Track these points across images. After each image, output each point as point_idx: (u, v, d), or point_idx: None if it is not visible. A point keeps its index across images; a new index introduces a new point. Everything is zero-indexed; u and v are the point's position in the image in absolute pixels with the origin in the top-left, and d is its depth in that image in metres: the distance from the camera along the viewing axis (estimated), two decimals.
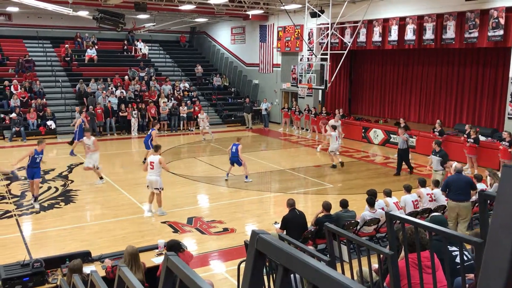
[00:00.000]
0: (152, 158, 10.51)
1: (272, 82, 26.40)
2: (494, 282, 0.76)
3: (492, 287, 0.76)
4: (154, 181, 10.43)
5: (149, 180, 10.49)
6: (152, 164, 10.38)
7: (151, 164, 10.39)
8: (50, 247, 8.92)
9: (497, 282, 0.75)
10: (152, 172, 10.39)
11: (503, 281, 0.74)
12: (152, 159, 10.49)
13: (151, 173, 10.41)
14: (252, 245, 1.17)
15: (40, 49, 26.72)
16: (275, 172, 15.56)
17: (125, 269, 2.49)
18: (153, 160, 10.44)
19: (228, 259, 8.56)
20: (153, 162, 10.39)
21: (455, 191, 9.12)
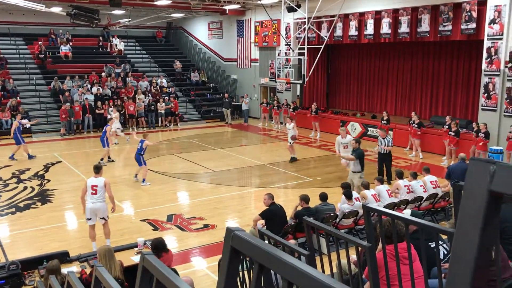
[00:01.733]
0: (93, 181, 8.50)
1: (250, 77, 26.37)
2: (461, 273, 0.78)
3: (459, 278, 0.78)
4: (98, 209, 8.47)
5: (92, 208, 8.44)
6: (94, 188, 8.44)
7: (93, 188, 8.43)
8: (27, 248, 8.77)
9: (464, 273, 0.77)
10: (94, 198, 8.43)
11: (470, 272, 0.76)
12: (94, 181, 8.49)
13: (93, 200, 8.43)
14: (227, 242, 1.17)
15: (13, 46, 26.11)
16: (255, 167, 15.58)
17: (101, 269, 2.46)
18: (96, 183, 8.47)
19: (209, 255, 8.55)
20: (96, 186, 8.44)
21: (454, 178, 9.40)
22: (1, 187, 12.88)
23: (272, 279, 1.25)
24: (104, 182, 8.50)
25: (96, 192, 8.45)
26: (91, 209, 8.45)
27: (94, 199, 8.45)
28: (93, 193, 8.44)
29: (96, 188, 8.44)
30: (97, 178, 8.55)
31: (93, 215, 8.52)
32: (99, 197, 8.47)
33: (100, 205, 8.51)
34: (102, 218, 8.60)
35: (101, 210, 8.53)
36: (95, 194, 8.44)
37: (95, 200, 8.45)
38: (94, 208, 8.46)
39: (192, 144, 19.47)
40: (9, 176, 13.95)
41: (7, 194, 12.24)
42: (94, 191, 8.44)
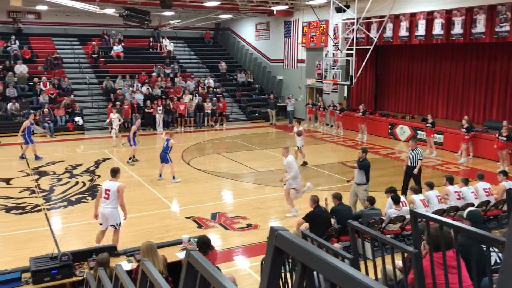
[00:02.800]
0: (107, 185, 8.15)
1: (296, 78, 26.28)
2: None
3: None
4: (108, 215, 8.09)
5: (102, 213, 8.12)
6: (107, 192, 8.07)
7: (105, 192, 8.08)
8: (77, 240, 9.11)
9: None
10: (107, 203, 8.09)
11: None
12: (107, 185, 8.14)
13: (104, 204, 8.10)
14: (270, 241, 1.17)
15: (68, 47, 27.22)
16: (299, 168, 15.47)
17: (147, 263, 2.52)
18: (109, 187, 8.09)
19: (251, 255, 8.58)
20: (108, 190, 8.06)
21: None
22: (55, 181, 13.44)
23: (314, 280, 1.23)
24: (117, 188, 8.06)
25: (108, 197, 8.07)
26: (102, 214, 8.16)
27: (105, 204, 8.11)
28: (105, 198, 8.10)
29: (109, 193, 8.07)
30: (111, 182, 8.17)
31: (104, 220, 8.19)
32: (110, 202, 8.08)
33: (110, 211, 8.09)
34: (112, 226, 8.18)
35: (111, 216, 8.11)
36: (107, 199, 8.08)
37: (106, 205, 8.10)
38: (104, 213, 8.11)
39: (236, 144, 19.61)
40: (63, 171, 14.54)
41: (60, 188, 12.77)
42: (107, 195, 8.08)
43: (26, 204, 11.40)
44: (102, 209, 8.16)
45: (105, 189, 8.13)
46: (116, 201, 8.10)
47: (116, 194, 8.05)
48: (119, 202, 8.13)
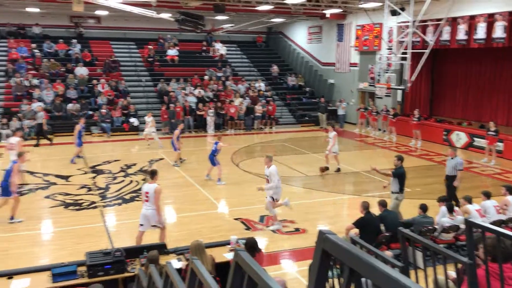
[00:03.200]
0: (146, 188, 8.37)
1: (348, 81, 25.95)
2: None
3: None
4: (150, 217, 8.28)
5: (144, 214, 8.31)
6: (147, 195, 8.25)
7: (145, 195, 8.27)
8: (130, 237, 9.38)
9: None
10: (147, 205, 8.27)
11: None
12: (146, 188, 8.36)
13: (145, 206, 8.30)
14: (318, 244, 1.17)
15: (126, 50, 28.22)
16: (349, 174, 15.28)
17: (197, 262, 2.57)
18: (148, 190, 8.27)
19: (299, 259, 8.54)
20: (147, 193, 8.24)
21: None
22: (111, 179, 13.96)
23: (362, 286, 1.21)
24: (154, 189, 8.20)
25: (148, 200, 8.24)
26: (143, 215, 8.32)
27: (146, 206, 8.28)
28: (145, 200, 8.29)
29: (148, 196, 8.24)
30: (149, 185, 8.34)
31: (146, 222, 8.33)
32: (150, 204, 8.23)
33: (151, 213, 8.25)
34: (154, 226, 8.37)
35: (152, 218, 8.28)
36: (147, 201, 8.25)
37: (147, 207, 8.27)
38: (146, 214, 8.28)
39: (286, 147, 19.60)
40: (118, 170, 15.07)
41: (115, 186, 13.24)
42: (147, 198, 8.26)
43: (83, 200, 11.90)
44: (143, 210, 8.34)
45: (145, 192, 8.32)
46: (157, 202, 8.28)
47: (153, 195, 8.20)
48: (155, 204, 8.23)
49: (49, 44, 26.07)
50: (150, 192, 8.21)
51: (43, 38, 26.68)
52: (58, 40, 26.47)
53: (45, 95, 22.52)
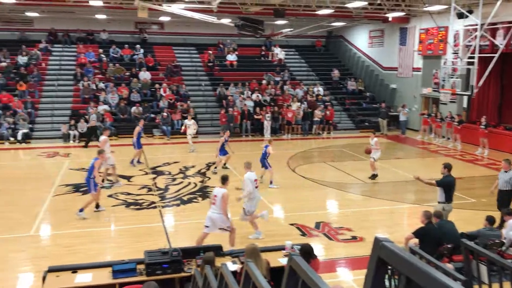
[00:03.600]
0: (215, 191, 8.59)
1: (411, 86, 25.17)
2: None
3: None
4: (215, 220, 8.44)
5: (210, 217, 8.46)
6: (215, 198, 8.47)
7: (213, 198, 8.52)
8: (187, 238, 9.58)
9: None
10: (214, 208, 8.45)
11: None
12: (215, 192, 8.59)
13: (212, 209, 8.50)
14: (374, 252, 1.12)
15: (187, 55, 28.96)
16: (410, 182, 14.76)
17: (251, 265, 2.57)
18: (217, 193, 8.48)
19: (355, 268, 8.36)
20: (216, 196, 8.45)
21: None
22: (170, 180, 14.33)
23: None
24: (222, 194, 8.36)
25: (215, 203, 8.40)
26: (209, 218, 8.47)
27: (212, 209, 8.46)
28: (212, 203, 8.48)
29: (216, 199, 8.40)
30: (219, 189, 8.52)
31: (211, 224, 8.47)
32: (217, 207, 8.38)
33: (217, 216, 8.41)
34: (222, 229, 8.51)
35: (218, 221, 8.43)
36: (214, 204, 8.42)
37: (213, 210, 8.44)
38: (212, 218, 8.44)
39: (344, 153, 19.28)
40: (177, 172, 15.45)
41: (174, 187, 13.58)
42: (214, 201, 8.44)
43: (144, 200, 12.29)
44: (210, 213, 8.48)
45: (214, 195, 8.56)
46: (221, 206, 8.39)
47: (221, 199, 8.34)
48: (222, 208, 8.37)
49: (115, 49, 27.26)
50: (218, 196, 8.39)
51: (110, 44, 27.93)
52: (123, 46, 27.63)
53: (110, 98, 23.54)
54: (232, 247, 8.43)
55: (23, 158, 18.74)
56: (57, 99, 23.73)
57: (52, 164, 17.01)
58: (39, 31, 27.96)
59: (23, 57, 25.23)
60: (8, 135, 20.50)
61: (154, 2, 18.77)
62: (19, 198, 12.43)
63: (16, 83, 23.50)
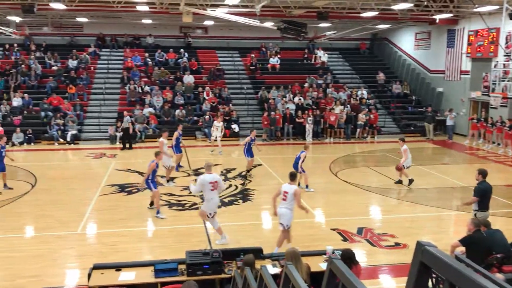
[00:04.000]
0: (286, 188, 8.77)
1: (459, 90, 24.38)
2: None
3: None
4: (282, 215, 8.69)
5: (278, 213, 8.79)
6: (285, 194, 8.71)
7: (284, 194, 8.73)
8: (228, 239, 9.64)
9: None
10: (283, 203, 8.71)
11: None
12: (286, 188, 8.76)
13: (281, 205, 8.74)
14: (416, 256, 1.08)
15: (229, 59, 29.24)
16: (457, 188, 14.30)
17: (291, 268, 2.55)
18: (288, 190, 8.70)
19: (398, 275, 8.15)
20: (287, 192, 8.69)
21: None
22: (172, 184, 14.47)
23: None
24: (294, 191, 8.63)
25: (286, 199, 8.64)
26: (278, 213, 8.74)
27: (282, 205, 8.71)
28: (283, 199, 8.70)
29: (287, 195, 8.64)
30: (289, 185, 8.76)
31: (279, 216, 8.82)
32: (286, 204, 8.63)
33: (284, 211, 8.64)
34: (280, 224, 8.71)
35: (284, 216, 8.64)
36: (285, 200, 8.67)
37: (282, 205, 8.69)
38: (279, 213, 8.70)
39: (388, 158, 18.88)
40: (218, 174, 15.54)
41: None
42: (285, 197, 8.68)
43: (186, 201, 12.47)
44: (278, 209, 8.74)
45: (284, 191, 8.73)
46: (292, 202, 8.62)
47: (293, 197, 8.58)
48: (297, 205, 8.67)
49: (160, 54, 27.87)
50: (289, 192, 8.62)
51: (155, 48, 28.59)
52: (168, 50, 28.21)
53: (156, 101, 24.07)
54: (278, 247, 8.58)
55: (71, 158, 19.44)
56: (104, 101, 24.49)
57: (99, 164, 17.57)
58: (88, 36, 29.01)
59: (73, 61, 26.22)
60: (58, 136, 21.34)
61: (198, 6, 19.07)
62: (68, 197, 12.90)
63: (66, 86, 24.45)
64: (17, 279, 7.83)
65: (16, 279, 7.83)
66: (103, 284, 6.07)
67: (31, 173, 15.59)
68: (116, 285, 6.05)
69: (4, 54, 26.97)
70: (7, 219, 10.92)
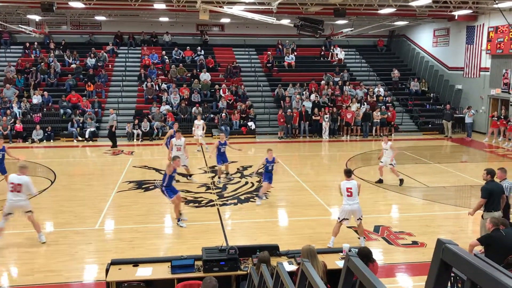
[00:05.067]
0: (348, 184, 8.93)
1: (478, 87, 24.02)
2: None
3: None
4: (355, 211, 8.94)
5: (351, 210, 8.91)
6: (349, 190, 8.85)
7: (347, 190, 8.87)
8: (244, 237, 9.67)
9: None
10: (351, 199, 8.88)
11: None
12: (348, 185, 8.92)
13: (350, 201, 8.88)
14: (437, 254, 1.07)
15: (246, 56, 29.25)
16: (476, 187, 14.07)
17: (308, 265, 2.55)
18: (351, 186, 8.90)
19: (416, 274, 8.08)
20: (350, 188, 8.86)
21: None
22: (228, 180, 14.52)
23: None
24: (358, 185, 8.99)
25: (352, 194, 8.86)
26: (350, 211, 8.93)
27: (349, 200, 8.87)
28: (348, 195, 8.87)
29: (351, 191, 8.86)
30: (349, 181, 8.98)
31: (350, 216, 9.00)
32: (354, 198, 8.87)
33: (357, 207, 8.93)
34: (358, 219, 9.04)
35: (357, 211, 8.96)
36: (351, 196, 8.85)
37: (353, 202, 8.88)
38: (352, 209, 8.91)
39: (405, 156, 18.69)
40: (235, 171, 15.62)
41: (232, 186, 13.75)
42: (350, 193, 8.85)
43: (202, 198, 12.54)
44: (348, 206, 8.90)
45: (347, 187, 8.92)
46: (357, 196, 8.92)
47: (357, 189, 8.92)
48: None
49: (177, 51, 28.02)
50: (354, 188, 8.88)
51: (172, 46, 28.75)
52: (185, 47, 28.33)
53: (173, 98, 24.21)
54: (362, 236, 9.17)
55: (90, 155, 19.69)
56: (122, 99, 24.72)
57: (116, 161, 17.76)
58: (106, 34, 29.31)
59: (91, 59, 26.51)
60: (77, 133, 21.62)
61: (215, 4, 19.11)
62: (86, 193, 13.07)
63: (85, 84, 24.75)
64: (36, 273, 7.97)
65: (35, 273, 7.97)
66: (121, 280, 6.13)
67: (51, 169, 15.83)
68: (133, 281, 6.11)
69: (24, 52, 27.40)
70: None
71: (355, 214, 8.96)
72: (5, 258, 8.68)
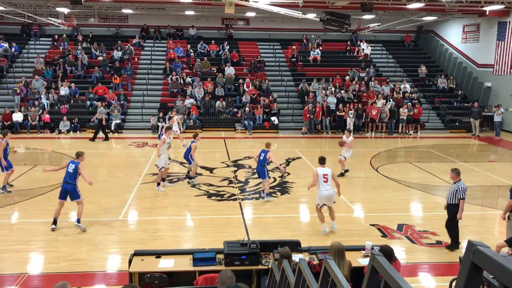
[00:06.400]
0: (324, 171, 9.40)
1: (508, 85, 23.41)
2: None
3: None
4: (332, 195, 9.41)
5: (328, 195, 9.35)
6: (325, 176, 9.32)
7: (324, 176, 9.32)
8: (265, 232, 9.67)
9: None
10: (327, 185, 9.31)
11: None
12: (324, 171, 9.39)
13: (328, 187, 9.33)
14: (467, 257, 1.03)
15: (271, 51, 29.14)
16: (503, 187, 13.75)
17: (331, 262, 2.52)
18: (326, 172, 9.39)
19: (439, 274, 7.95)
20: (326, 175, 9.34)
21: None
22: (250, 174, 14.54)
23: None
24: (332, 172, 9.48)
25: (327, 180, 9.33)
26: (326, 196, 9.34)
27: (326, 186, 9.32)
28: (325, 181, 9.32)
29: (327, 177, 9.32)
30: (325, 168, 9.49)
31: (327, 201, 9.41)
32: (330, 184, 9.34)
33: (333, 191, 9.42)
34: (334, 202, 9.52)
35: (333, 196, 9.44)
36: (326, 182, 9.32)
37: (329, 187, 9.35)
38: (329, 194, 9.36)
39: (431, 154, 18.39)
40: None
41: (253, 181, 13.75)
42: (326, 179, 9.32)
43: (225, 192, 12.58)
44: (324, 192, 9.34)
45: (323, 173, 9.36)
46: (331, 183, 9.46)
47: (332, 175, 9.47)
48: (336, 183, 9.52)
49: (202, 45, 28.12)
50: (329, 174, 9.37)
51: (198, 39, 28.86)
52: (210, 41, 28.40)
53: (197, 92, 24.33)
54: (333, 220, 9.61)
55: (115, 147, 19.97)
56: (147, 92, 24.97)
57: (141, 153, 17.97)
58: (132, 27, 29.59)
59: (118, 52, 26.83)
60: None
61: None
62: (111, 184, 13.27)
63: (111, 76, 25.08)
64: (61, 262, 8.14)
65: (61, 262, 8.14)
66: (143, 270, 6.21)
67: None
68: (155, 272, 6.18)
69: (53, 44, 27.91)
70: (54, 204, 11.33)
71: (331, 198, 9.41)
72: (31, 246, 8.89)
